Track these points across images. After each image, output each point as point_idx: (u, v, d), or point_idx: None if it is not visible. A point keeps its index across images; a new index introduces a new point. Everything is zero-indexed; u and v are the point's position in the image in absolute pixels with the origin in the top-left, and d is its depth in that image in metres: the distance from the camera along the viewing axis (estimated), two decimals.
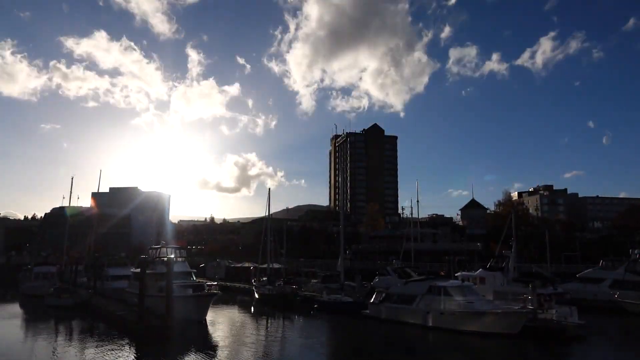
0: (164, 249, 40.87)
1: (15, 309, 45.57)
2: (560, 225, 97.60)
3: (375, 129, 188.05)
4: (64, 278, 52.71)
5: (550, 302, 31.09)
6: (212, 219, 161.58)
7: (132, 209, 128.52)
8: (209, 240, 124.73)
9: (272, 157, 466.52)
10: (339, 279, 48.94)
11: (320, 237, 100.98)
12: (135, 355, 24.58)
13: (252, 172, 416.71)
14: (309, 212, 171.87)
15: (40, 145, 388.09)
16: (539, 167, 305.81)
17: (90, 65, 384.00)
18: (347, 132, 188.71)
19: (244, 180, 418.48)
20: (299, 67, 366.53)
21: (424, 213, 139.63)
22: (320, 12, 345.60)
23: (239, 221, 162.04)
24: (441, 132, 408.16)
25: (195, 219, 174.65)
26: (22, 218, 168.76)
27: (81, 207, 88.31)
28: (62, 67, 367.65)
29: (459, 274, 44.52)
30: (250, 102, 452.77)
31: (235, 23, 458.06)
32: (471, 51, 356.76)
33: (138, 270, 35.74)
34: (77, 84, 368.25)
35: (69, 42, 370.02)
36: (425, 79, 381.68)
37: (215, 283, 39.91)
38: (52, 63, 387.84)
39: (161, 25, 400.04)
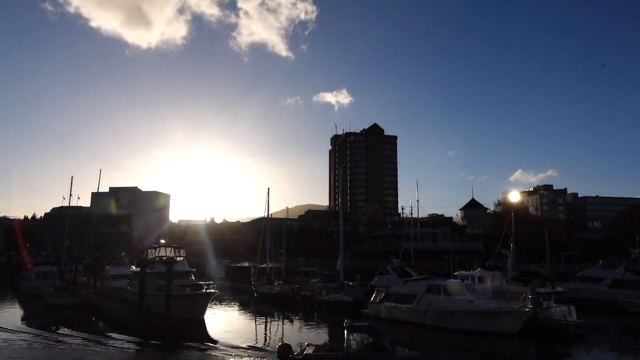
0: (164, 249, 40.89)
1: (16, 308, 45.56)
2: (560, 225, 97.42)
3: (375, 129, 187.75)
4: (64, 277, 52.72)
5: (549, 301, 31.12)
6: (212, 219, 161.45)
7: (132, 209, 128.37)
8: (209, 240, 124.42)
9: None
10: (338, 279, 48.98)
11: (320, 237, 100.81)
12: (135, 354, 24.62)
13: None
14: (309, 212, 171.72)
15: (41, 145, 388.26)
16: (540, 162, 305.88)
17: None
18: (347, 132, 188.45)
19: None
20: None
21: (423, 213, 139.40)
22: None
23: (238, 221, 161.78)
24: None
25: (196, 220, 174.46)
26: (22, 218, 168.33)
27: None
28: None
29: (457, 273, 44.50)
30: None
31: None
32: None
33: (138, 269, 35.76)
34: None
35: None
36: None
37: (214, 282, 39.91)
38: None
39: None
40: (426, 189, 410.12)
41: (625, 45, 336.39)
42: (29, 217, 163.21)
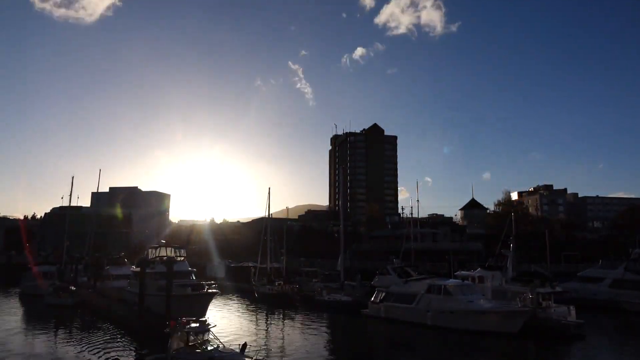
0: (164, 249, 40.84)
1: (16, 308, 45.55)
2: (560, 225, 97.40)
3: (375, 129, 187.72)
4: (64, 277, 52.74)
5: (549, 301, 31.15)
6: (212, 219, 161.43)
7: (132, 209, 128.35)
8: (209, 240, 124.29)
9: None
10: (339, 279, 49.05)
11: (320, 237, 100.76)
12: (135, 354, 24.62)
13: None
14: (309, 212, 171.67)
15: (41, 145, 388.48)
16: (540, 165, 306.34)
17: None
18: (347, 132, 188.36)
19: None
20: None
21: (424, 213, 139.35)
22: None
23: (238, 221, 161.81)
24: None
25: (196, 220, 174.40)
26: (22, 218, 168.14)
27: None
28: None
29: (458, 273, 44.53)
30: None
31: None
32: None
33: (138, 269, 35.75)
34: None
35: None
36: None
37: (214, 282, 39.92)
38: None
39: None
40: (426, 189, 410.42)
41: (626, 44, 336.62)
42: (29, 217, 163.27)
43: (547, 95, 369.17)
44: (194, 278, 38.53)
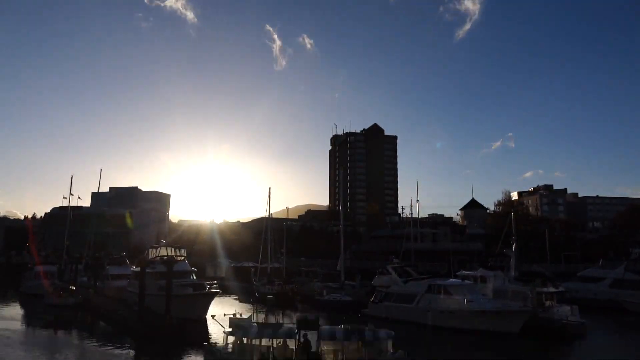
0: (164, 248, 40.83)
1: (16, 308, 45.52)
2: (560, 225, 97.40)
3: (375, 129, 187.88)
4: (64, 277, 52.72)
5: (552, 301, 31.16)
6: (212, 220, 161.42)
7: (132, 209, 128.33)
8: (209, 240, 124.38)
9: None
10: (339, 279, 49.07)
11: (320, 237, 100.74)
12: (135, 353, 24.61)
13: None
14: (309, 212, 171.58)
15: (41, 145, 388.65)
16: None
17: None
18: (347, 132, 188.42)
19: None
20: None
21: (424, 213, 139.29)
22: None
23: (238, 221, 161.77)
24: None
25: (196, 220, 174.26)
26: (22, 218, 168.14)
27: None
28: None
29: (459, 272, 44.53)
30: None
31: None
32: None
33: (138, 269, 35.74)
34: None
35: None
36: None
37: (216, 282, 39.89)
38: None
39: None
40: (426, 189, 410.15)
41: (626, 44, 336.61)
42: (29, 217, 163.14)
43: (548, 94, 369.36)
44: (194, 277, 38.52)
